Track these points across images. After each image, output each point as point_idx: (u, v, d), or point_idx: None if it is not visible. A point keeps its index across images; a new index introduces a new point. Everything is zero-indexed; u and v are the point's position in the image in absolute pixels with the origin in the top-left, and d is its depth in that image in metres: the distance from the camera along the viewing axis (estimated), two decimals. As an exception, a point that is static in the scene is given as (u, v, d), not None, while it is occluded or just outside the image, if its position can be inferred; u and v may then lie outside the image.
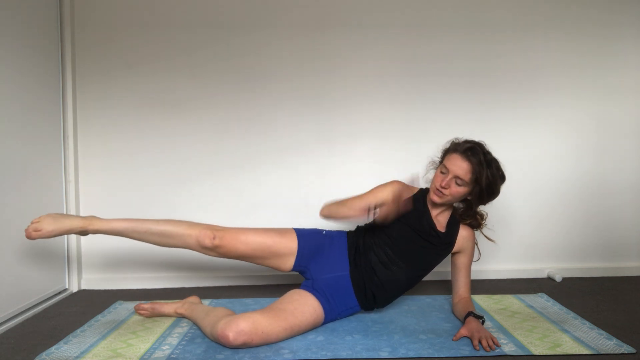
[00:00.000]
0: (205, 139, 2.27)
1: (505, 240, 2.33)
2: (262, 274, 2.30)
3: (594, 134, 2.36)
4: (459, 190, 1.66)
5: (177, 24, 2.24)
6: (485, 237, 1.86)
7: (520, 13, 2.30)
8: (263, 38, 2.25)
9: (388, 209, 1.58)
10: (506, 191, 1.67)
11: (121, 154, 2.25)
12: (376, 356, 1.43)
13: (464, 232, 1.79)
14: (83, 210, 2.24)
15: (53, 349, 1.49)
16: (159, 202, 2.26)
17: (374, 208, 1.58)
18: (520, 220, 2.35)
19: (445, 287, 2.16)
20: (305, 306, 1.60)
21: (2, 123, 1.76)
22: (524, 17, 2.30)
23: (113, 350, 1.49)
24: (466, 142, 1.68)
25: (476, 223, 1.80)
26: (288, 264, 1.75)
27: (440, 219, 1.77)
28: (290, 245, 1.73)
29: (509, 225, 2.33)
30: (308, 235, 1.78)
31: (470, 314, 1.61)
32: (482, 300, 1.96)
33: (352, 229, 1.88)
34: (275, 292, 2.10)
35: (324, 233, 1.80)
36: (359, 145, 2.30)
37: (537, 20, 2.31)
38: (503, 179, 1.69)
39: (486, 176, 1.62)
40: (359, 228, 1.86)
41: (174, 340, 1.57)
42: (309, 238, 1.77)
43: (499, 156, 1.71)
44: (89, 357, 1.43)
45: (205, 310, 1.68)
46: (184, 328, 1.68)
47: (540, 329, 1.64)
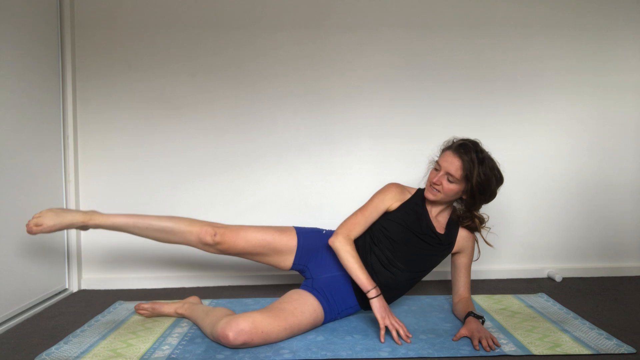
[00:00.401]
0: (205, 138, 2.27)
1: (505, 240, 2.33)
2: (262, 274, 2.30)
3: (595, 134, 2.36)
4: (450, 187, 1.64)
5: (177, 24, 2.24)
6: (484, 241, 1.83)
7: (520, 13, 2.31)
8: (263, 38, 2.26)
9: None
10: (506, 191, 1.66)
11: (121, 154, 2.25)
12: (376, 356, 1.43)
13: (463, 233, 1.78)
14: (83, 209, 2.23)
15: (53, 349, 1.49)
16: (159, 202, 2.26)
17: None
18: (520, 220, 2.35)
19: (445, 287, 2.16)
20: (305, 306, 1.60)
21: (2, 123, 1.76)
22: (524, 17, 2.31)
23: (113, 350, 1.49)
24: (460, 140, 1.68)
25: (474, 226, 1.77)
26: (287, 261, 1.75)
27: (440, 219, 1.76)
28: (290, 242, 1.74)
29: (509, 225, 2.33)
30: (308, 233, 1.78)
31: (470, 314, 1.61)
32: (482, 300, 1.96)
33: None
34: (275, 292, 2.11)
35: (324, 232, 1.80)
36: (359, 145, 2.30)
37: (537, 20, 2.31)
38: (499, 180, 1.67)
39: (477, 174, 1.60)
40: None
41: (174, 340, 1.57)
42: (308, 236, 1.77)
43: (499, 156, 1.71)
44: (89, 357, 1.43)
45: (205, 310, 1.68)
46: (184, 328, 1.68)
47: (540, 329, 1.64)
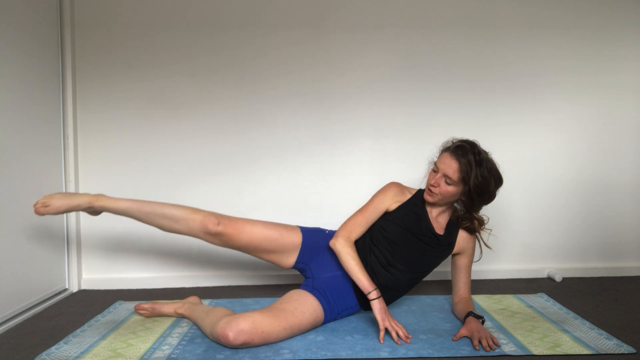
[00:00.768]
0: (205, 139, 2.27)
1: (505, 241, 2.33)
2: (262, 273, 2.30)
3: (595, 134, 2.35)
4: (448, 189, 1.63)
5: (177, 24, 2.24)
6: (483, 243, 1.82)
7: (520, 13, 2.31)
8: (263, 38, 2.26)
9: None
10: (507, 191, 1.66)
11: (121, 154, 2.25)
12: (376, 356, 1.43)
13: (464, 234, 1.77)
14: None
15: (53, 349, 1.49)
16: (159, 202, 2.26)
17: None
18: (520, 220, 2.35)
19: (445, 287, 2.16)
20: (305, 306, 1.60)
21: (2, 123, 1.76)
22: (524, 17, 2.30)
23: (113, 350, 1.49)
24: (458, 142, 1.66)
25: (473, 227, 1.76)
26: (290, 260, 1.74)
27: (440, 220, 1.76)
28: (294, 240, 1.73)
29: (509, 225, 2.33)
30: (312, 233, 1.78)
31: (470, 314, 1.61)
32: (482, 300, 1.96)
33: None
34: (275, 292, 2.11)
35: (327, 232, 1.81)
36: (359, 145, 2.30)
37: (538, 20, 2.31)
38: (498, 182, 1.64)
39: (475, 176, 1.58)
40: None
41: (174, 340, 1.57)
42: (312, 235, 1.77)
43: (498, 156, 1.71)
44: (89, 357, 1.43)
45: (205, 310, 1.68)
46: (184, 328, 1.68)
47: (540, 329, 1.64)
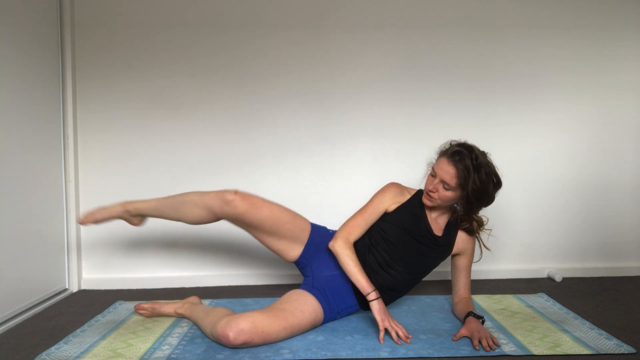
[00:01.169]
0: (205, 139, 2.27)
1: (505, 241, 2.33)
2: (262, 273, 2.30)
3: (595, 134, 2.36)
4: (447, 194, 1.62)
5: (177, 24, 2.24)
6: (482, 245, 1.81)
7: (520, 13, 2.31)
8: (263, 38, 2.26)
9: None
10: (506, 191, 1.65)
11: (121, 154, 2.25)
12: (376, 356, 1.43)
13: (463, 235, 1.77)
14: (83, 210, 2.24)
15: (53, 349, 1.49)
16: (159, 202, 2.26)
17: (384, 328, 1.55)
18: (520, 220, 2.35)
19: (445, 287, 2.16)
20: (304, 305, 1.60)
21: (2, 123, 1.76)
22: (524, 17, 2.31)
23: (113, 350, 1.49)
24: (456, 146, 1.63)
25: (472, 229, 1.75)
26: (295, 251, 1.74)
27: (439, 221, 1.75)
28: (304, 230, 1.74)
29: (509, 225, 2.33)
30: (319, 230, 1.79)
31: (470, 314, 1.61)
32: (482, 300, 1.96)
33: None
34: (275, 292, 2.11)
35: (330, 232, 1.81)
36: (359, 145, 2.30)
37: (538, 20, 2.31)
38: (497, 185, 1.63)
39: (473, 181, 1.56)
40: None
41: (174, 340, 1.57)
42: (318, 232, 1.78)
43: (498, 156, 1.70)
44: (89, 357, 1.43)
45: (205, 310, 1.68)
46: (184, 328, 1.68)
47: (540, 329, 1.64)
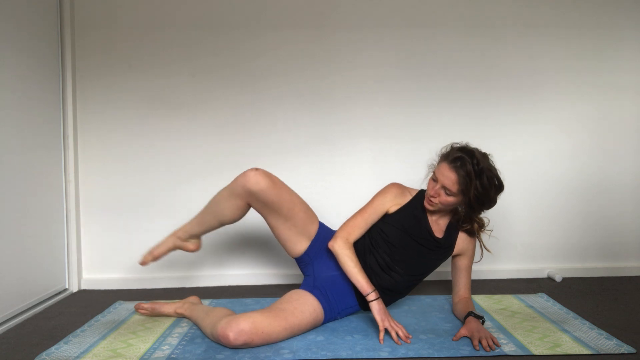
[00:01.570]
0: (205, 139, 2.27)
1: (506, 241, 2.33)
2: (262, 273, 2.30)
3: (595, 134, 2.36)
4: (448, 199, 1.61)
5: (177, 24, 2.24)
6: (483, 246, 1.80)
7: (521, 13, 2.30)
8: (263, 38, 2.26)
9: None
10: (507, 191, 1.65)
11: (121, 154, 2.25)
12: (376, 356, 1.43)
13: (464, 235, 1.77)
14: (83, 209, 2.24)
15: (53, 349, 1.49)
16: (159, 202, 2.26)
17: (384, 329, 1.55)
18: (520, 220, 2.35)
19: (445, 287, 2.16)
20: (304, 305, 1.60)
21: (2, 123, 1.76)
22: (524, 17, 2.30)
23: (113, 350, 1.49)
24: (457, 151, 1.61)
25: (473, 230, 1.75)
26: (302, 246, 1.73)
27: (440, 223, 1.75)
28: (313, 222, 1.74)
29: (509, 225, 2.33)
30: (325, 228, 1.79)
31: (470, 314, 1.60)
32: (482, 300, 1.96)
33: None
34: (275, 292, 2.11)
35: (333, 233, 1.80)
36: (359, 145, 2.30)
37: (537, 20, 2.31)
38: (499, 189, 1.62)
39: (474, 187, 1.55)
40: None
41: (174, 340, 1.57)
42: (325, 230, 1.78)
43: (498, 156, 1.70)
44: (89, 357, 1.43)
45: (205, 310, 1.68)
46: (184, 328, 1.68)
47: (540, 329, 1.64)
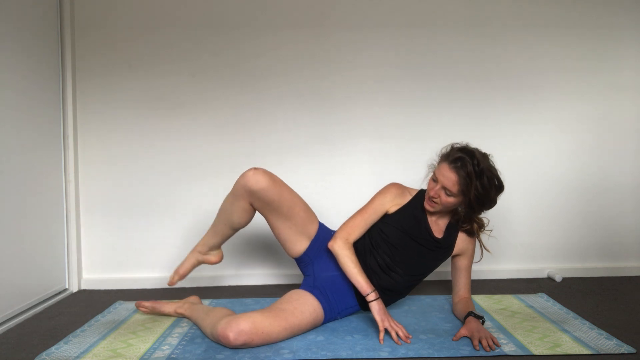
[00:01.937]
0: (205, 139, 2.27)
1: (505, 241, 2.33)
2: (262, 273, 2.30)
3: (595, 134, 2.35)
4: (448, 200, 1.61)
5: (177, 24, 2.24)
6: (483, 247, 1.80)
7: (521, 13, 2.30)
8: (263, 38, 2.26)
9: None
10: (507, 191, 1.65)
11: (121, 154, 2.25)
12: (376, 356, 1.43)
13: (463, 235, 1.77)
14: (83, 209, 2.24)
15: (53, 349, 1.49)
16: (159, 203, 2.26)
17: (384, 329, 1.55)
18: (520, 220, 2.35)
19: (445, 287, 2.16)
20: (304, 305, 1.60)
21: (2, 123, 1.76)
22: (524, 17, 2.30)
23: (113, 350, 1.49)
24: (457, 151, 1.61)
25: (472, 230, 1.75)
26: (302, 245, 1.73)
27: (440, 223, 1.75)
28: (313, 222, 1.74)
29: (509, 225, 2.33)
30: (325, 229, 1.79)
31: (470, 314, 1.60)
32: (482, 300, 1.96)
33: None
34: (275, 292, 2.11)
35: (333, 233, 1.80)
36: (359, 145, 2.30)
37: (538, 20, 2.31)
38: (499, 189, 1.62)
39: (475, 188, 1.56)
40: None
41: (174, 340, 1.57)
42: (325, 231, 1.77)
43: (498, 156, 1.70)
44: (89, 357, 1.43)
45: (205, 310, 1.68)
46: (184, 328, 1.68)
47: (540, 329, 1.64)
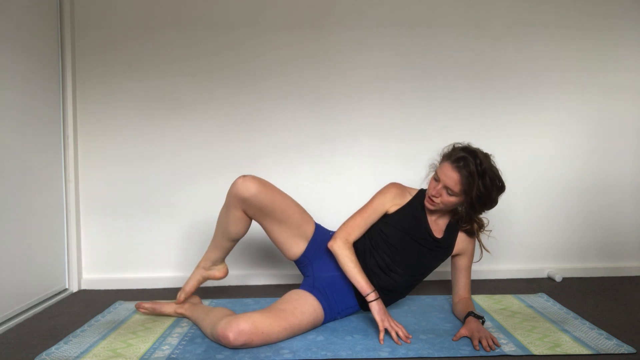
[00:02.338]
0: (205, 139, 2.27)
1: (505, 241, 2.33)
2: (262, 273, 2.30)
3: (595, 134, 2.36)
4: (450, 199, 1.61)
5: (178, 24, 2.24)
6: (482, 247, 1.80)
7: (521, 13, 2.31)
8: (263, 38, 2.26)
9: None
10: (507, 191, 1.65)
11: (121, 154, 2.25)
12: (376, 356, 1.43)
13: (463, 235, 1.77)
14: (83, 209, 2.24)
15: (53, 349, 1.49)
16: (159, 203, 2.26)
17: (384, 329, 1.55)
18: (520, 220, 2.35)
19: (445, 287, 2.16)
20: (304, 306, 1.60)
21: (2, 123, 1.76)
22: (524, 17, 2.30)
23: (113, 350, 1.49)
24: (460, 151, 1.61)
25: (472, 231, 1.75)
26: (299, 248, 1.73)
27: (440, 223, 1.75)
28: (309, 224, 1.74)
29: (509, 225, 2.33)
30: (322, 230, 1.79)
31: (470, 314, 1.61)
32: (482, 300, 1.96)
33: None
34: (275, 292, 2.11)
35: (331, 234, 1.80)
36: (359, 145, 2.30)
37: (538, 20, 2.31)
38: (501, 189, 1.62)
39: (477, 187, 1.56)
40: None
41: (174, 340, 1.57)
42: (322, 232, 1.77)
43: (499, 156, 1.70)
44: (89, 357, 1.43)
45: (205, 310, 1.69)
46: (184, 328, 1.68)
47: (540, 329, 1.64)
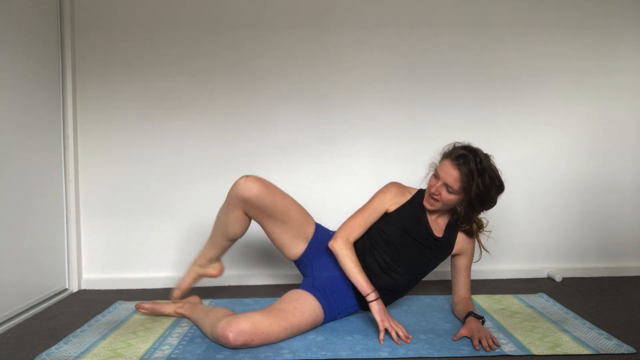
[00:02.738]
0: (205, 139, 2.27)
1: (505, 241, 2.33)
2: (262, 273, 2.30)
3: (595, 134, 2.35)
4: (449, 197, 1.61)
5: (177, 24, 2.24)
6: (482, 247, 1.79)
7: (521, 13, 2.30)
8: (263, 38, 2.26)
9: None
10: (507, 191, 1.65)
11: (121, 154, 2.25)
12: (376, 356, 1.43)
13: (463, 235, 1.77)
14: (83, 210, 2.24)
15: (53, 349, 1.49)
16: (159, 203, 2.26)
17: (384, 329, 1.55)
18: (520, 220, 2.35)
19: (445, 287, 2.16)
20: (304, 306, 1.60)
21: (2, 123, 1.76)
22: (525, 17, 2.30)
23: (113, 350, 1.49)
24: (460, 149, 1.62)
25: (471, 231, 1.75)
26: (299, 248, 1.73)
27: (440, 222, 1.75)
28: (309, 224, 1.74)
29: (509, 225, 2.33)
30: (323, 230, 1.79)
31: (470, 314, 1.61)
32: (482, 300, 1.96)
33: None
34: (275, 292, 2.11)
35: (331, 233, 1.80)
36: (359, 145, 2.30)
37: (538, 20, 2.31)
38: (500, 189, 1.62)
39: (476, 185, 1.56)
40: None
41: (174, 340, 1.57)
42: (322, 232, 1.78)
43: (499, 156, 1.69)
44: (89, 357, 1.43)
45: (205, 310, 1.69)
46: (184, 328, 1.68)
47: (540, 329, 1.64)
